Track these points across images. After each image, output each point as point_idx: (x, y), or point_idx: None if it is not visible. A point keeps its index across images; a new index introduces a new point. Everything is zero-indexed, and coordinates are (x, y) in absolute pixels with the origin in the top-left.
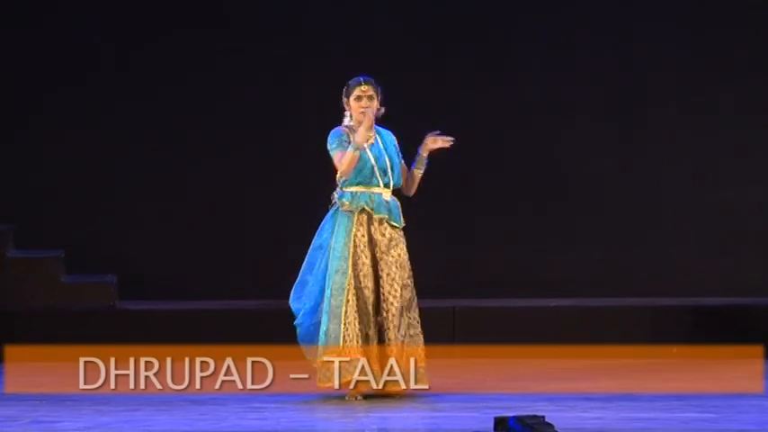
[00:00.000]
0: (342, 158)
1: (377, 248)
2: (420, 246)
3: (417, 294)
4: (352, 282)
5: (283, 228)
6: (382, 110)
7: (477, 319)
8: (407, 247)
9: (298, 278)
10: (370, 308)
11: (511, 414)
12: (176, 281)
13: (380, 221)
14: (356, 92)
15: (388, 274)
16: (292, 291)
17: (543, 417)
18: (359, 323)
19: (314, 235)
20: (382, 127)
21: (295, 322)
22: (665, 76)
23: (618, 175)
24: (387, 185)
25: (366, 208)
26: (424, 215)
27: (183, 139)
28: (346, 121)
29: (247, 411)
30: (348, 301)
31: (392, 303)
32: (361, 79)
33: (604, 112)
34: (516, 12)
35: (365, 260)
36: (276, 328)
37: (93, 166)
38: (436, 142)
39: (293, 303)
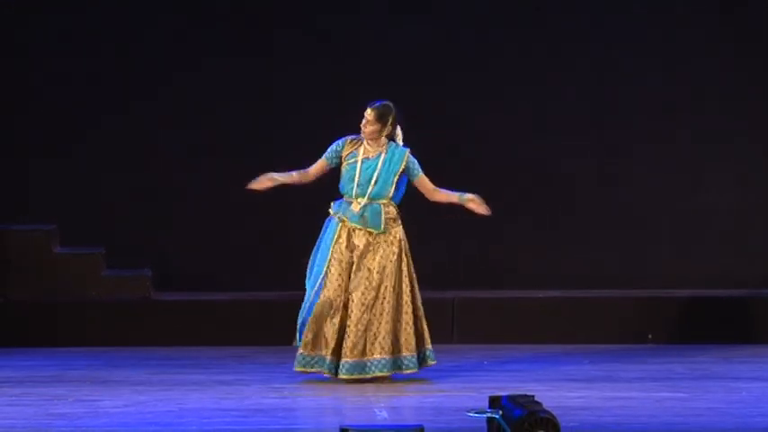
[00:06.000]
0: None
1: (354, 253)
2: (422, 240)
3: (420, 287)
4: (327, 282)
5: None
6: (400, 135)
7: (475, 309)
8: (411, 245)
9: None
10: (341, 305)
11: (504, 393)
12: (207, 274)
13: (358, 229)
14: (365, 113)
15: (359, 277)
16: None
17: (533, 396)
18: (326, 321)
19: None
20: (399, 144)
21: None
22: (654, 89)
23: (606, 179)
24: (360, 196)
25: (342, 216)
26: (425, 212)
27: (213, 140)
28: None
29: (268, 391)
30: (321, 300)
31: (355, 303)
32: (369, 104)
33: (590, 123)
34: (516, 21)
35: (342, 263)
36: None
37: (130, 171)
38: (479, 207)
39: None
